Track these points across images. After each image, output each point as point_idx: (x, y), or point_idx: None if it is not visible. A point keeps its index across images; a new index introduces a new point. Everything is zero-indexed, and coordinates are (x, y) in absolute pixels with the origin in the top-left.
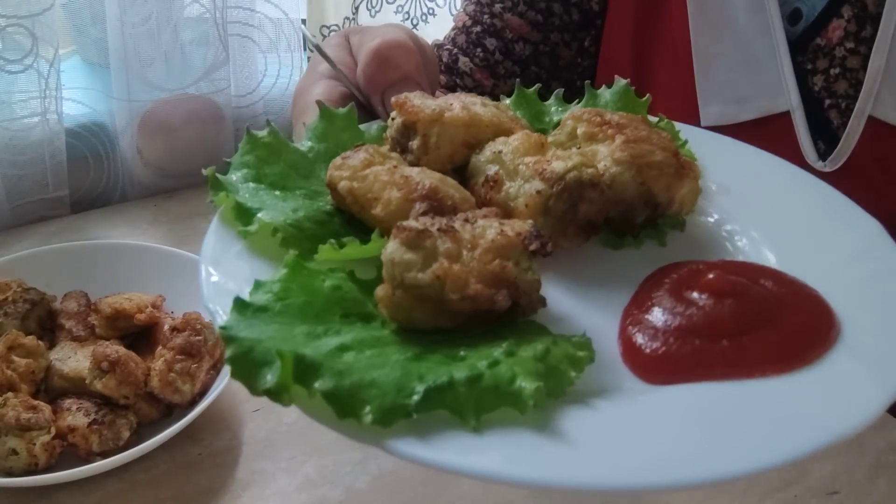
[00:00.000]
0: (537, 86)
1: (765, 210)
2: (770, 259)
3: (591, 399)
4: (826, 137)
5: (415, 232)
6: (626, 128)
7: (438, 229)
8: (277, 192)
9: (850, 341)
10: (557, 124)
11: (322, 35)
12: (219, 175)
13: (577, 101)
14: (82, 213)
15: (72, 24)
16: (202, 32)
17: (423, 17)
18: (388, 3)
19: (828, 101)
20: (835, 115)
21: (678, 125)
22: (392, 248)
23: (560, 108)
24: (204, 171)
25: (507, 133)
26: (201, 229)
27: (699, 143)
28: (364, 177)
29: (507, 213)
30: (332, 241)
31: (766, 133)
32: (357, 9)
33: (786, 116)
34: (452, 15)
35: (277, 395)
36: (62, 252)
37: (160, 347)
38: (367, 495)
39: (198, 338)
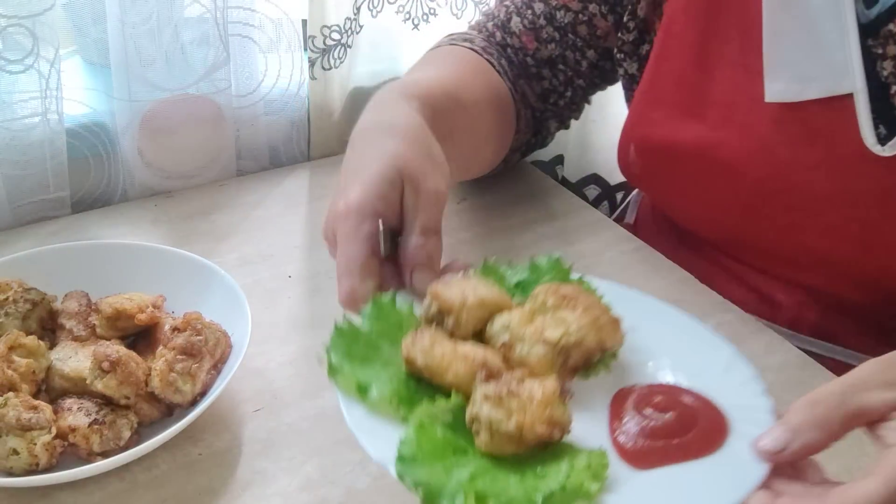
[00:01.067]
0: (496, 259)
1: (659, 341)
2: (670, 376)
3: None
4: (888, 122)
5: (498, 397)
6: (578, 298)
7: (508, 391)
8: (366, 366)
9: (738, 430)
10: (517, 285)
11: (322, 35)
12: (332, 359)
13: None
14: (83, 214)
15: (72, 24)
16: (203, 32)
17: (425, 18)
18: (389, 3)
19: (895, 87)
20: None
21: (591, 281)
22: (487, 410)
23: (513, 273)
24: (318, 360)
25: (504, 307)
26: (202, 229)
27: (608, 295)
28: (433, 354)
29: (524, 367)
30: (426, 400)
31: (827, 113)
32: (359, 9)
33: (848, 98)
34: (454, 15)
35: None
36: (62, 252)
37: (161, 347)
38: (368, 495)
39: (198, 338)
